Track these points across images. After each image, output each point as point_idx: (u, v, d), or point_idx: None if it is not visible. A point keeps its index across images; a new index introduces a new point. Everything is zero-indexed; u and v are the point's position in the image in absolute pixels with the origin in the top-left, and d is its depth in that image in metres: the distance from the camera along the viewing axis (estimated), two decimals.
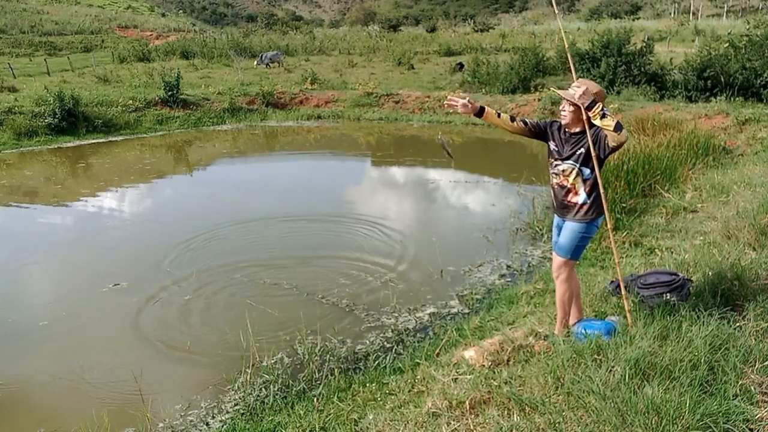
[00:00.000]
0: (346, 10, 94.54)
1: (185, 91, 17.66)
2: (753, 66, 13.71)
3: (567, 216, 3.34)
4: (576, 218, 3.30)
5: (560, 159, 3.29)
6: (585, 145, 3.19)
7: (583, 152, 3.20)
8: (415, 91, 18.71)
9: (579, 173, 3.24)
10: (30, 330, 4.86)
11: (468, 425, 2.70)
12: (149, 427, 3.53)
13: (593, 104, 3.05)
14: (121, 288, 5.67)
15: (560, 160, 3.29)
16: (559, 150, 3.30)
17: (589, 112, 3.07)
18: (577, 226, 3.30)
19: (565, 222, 3.36)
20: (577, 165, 3.24)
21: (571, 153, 3.25)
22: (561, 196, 3.34)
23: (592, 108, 3.06)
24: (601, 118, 3.03)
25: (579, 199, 3.27)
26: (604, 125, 3.04)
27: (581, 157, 3.21)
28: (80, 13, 54.15)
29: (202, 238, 7.02)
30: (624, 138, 3.07)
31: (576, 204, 3.28)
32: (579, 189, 3.26)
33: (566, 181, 3.29)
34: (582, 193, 3.26)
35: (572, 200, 3.29)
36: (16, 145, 13.62)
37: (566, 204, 3.32)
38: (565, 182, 3.29)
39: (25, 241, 7.23)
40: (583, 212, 3.27)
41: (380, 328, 4.73)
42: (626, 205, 6.36)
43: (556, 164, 3.32)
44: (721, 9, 47.85)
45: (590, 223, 3.30)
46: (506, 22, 49.64)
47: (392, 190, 9.50)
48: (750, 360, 2.76)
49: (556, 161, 3.33)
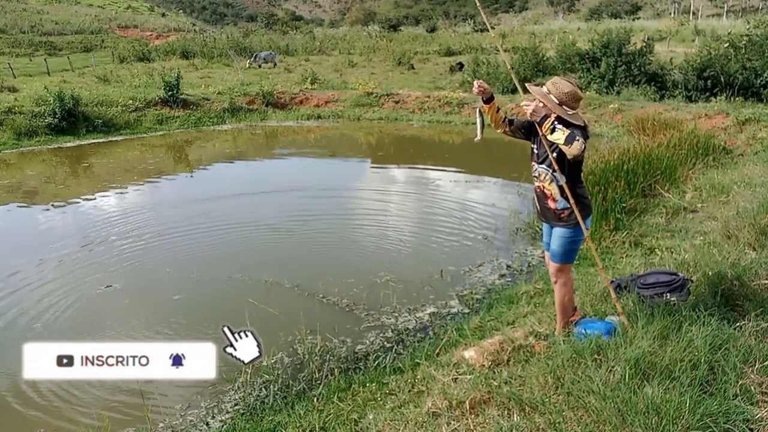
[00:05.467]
0: (346, 10, 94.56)
1: (185, 91, 17.66)
2: (753, 66, 13.71)
3: (551, 221, 3.25)
4: (561, 224, 3.20)
5: (537, 162, 3.19)
6: (555, 149, 3.04)
7: (555, 157, 3.06)
8: (415, 91, 18.72)
9: (553, 179, 3.13)
10: (28, 328, 4.87)
11: (468, 425, 2.70)
12: (149, 427, 3.53)
13: (544, 119, 2.98)
14: (114, 289, 5.67)
15: (537, 163, 3.20)
16: (538, 153, 3.18)
17: (542, 129, 3.00)
18: (564, 231, 3.20)
19: (554, 227, 3.26)
20: (550, 171, 3.12)
21: (545, 156, 3.12)
22: (543, 201, 3.24)
23: (542, 124, 2.99)
24: (551, 133, 2.94)
25: (558, 205, 3.16)
26: (554, 140, 2.94)
27: (553, 163, 3.08)
28: (80, 13, 54.16)
29: (204, 238, 7.02)
30: (576, 151, 2.88)
31: (556, 210, 3.18)
32: (556, 195, 3.14)
33: (543, 185, 3.19)
34: (560, 198, 3.13)
35: (551, 206, 3.19)
36: (16, 145, 13.62)
37: (548, 209, 3.22)
38: (543, 187, 3.20)
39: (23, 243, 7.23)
40: (566, 217, 3.16)
41: (380, 327, 4.73)
42: (626, 205, 6.36)
43: (535, 167, 3.22)
44: (721, 9, 47.86)
45: (576, 226, 3.15)
46: (506, 22, 49.66)
47: (392, 190, 9.49)
48: (750, 360, 2.76)
49: (534, 163, 3.22)
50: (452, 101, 17.01)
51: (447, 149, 13.64)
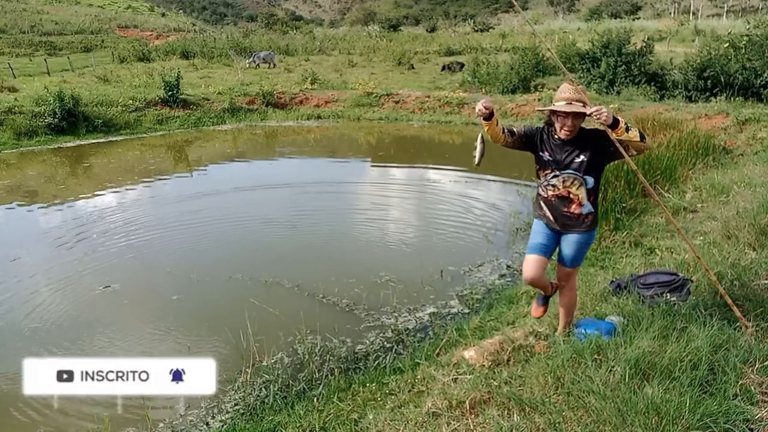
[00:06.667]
0: (346, 10, 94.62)
1: (185, 91, 17.67)
2: (753, 66, 13.71)
3: (572, 228, 3.11)
4: (582, 229, 3.10)
5: (558, 169, 3.04)
6: (585, 151, 2.98)
7: (585, 160, 2.98)
8: (415, 91, 18.72)
9: (582, 183, 3.02)
10: (27, 330, 4.87)
11: (468, 425, 2.70)
12: (149, 427, 3.53)
13: (617, 121, 2.81)
14: (113, 290, 5.67)
15: (558, 170, 3.04)
16: (556, 159, 3.05)
17: (616, 131, 2.83)
18: (584, 237, 3.12)
19: (568, 234, 3.14)
20: (580, 174, 3.01)
21: (570, 161, 3.01)
22: (562, 208, 3.08)
23: (617, 125, 2.81)
24: (627, 132, 2.82)
25: (584, 210, 3.06)
26: (631, 138, 2.84)
27: (583, 165, 2.99)
28: (80, 13, 54.17)
29: (204, 238, 7.02)
30: (649, 145, 2.95)
31: (580, 215, 3.07)
32: (583, 199, 3.04)
33: (567, 191, 3.05)
34: (586, 202, 3.05)
35: (576, 211, 3.06)
36: (16, 145, 13.62)
37: (569, 215, 3.09)
38: (566, 193, 3.05)
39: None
40: (590, 222, 3.09)
41: (380, 327, 4.73)
42: (626, 205, 6.36)
43: (554, 175, 3.06)
44: (721, 9, 47.88)
45: (595, 229, 3.17)
46: (506, 22, 49.69)
47: (392, 190, 9.49)
48: (750, 360, 2.76)
49: (553, 172, 3.06)
50: (452, 101, 17.01)
51: (447, 149, 13.64)
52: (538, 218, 3.25)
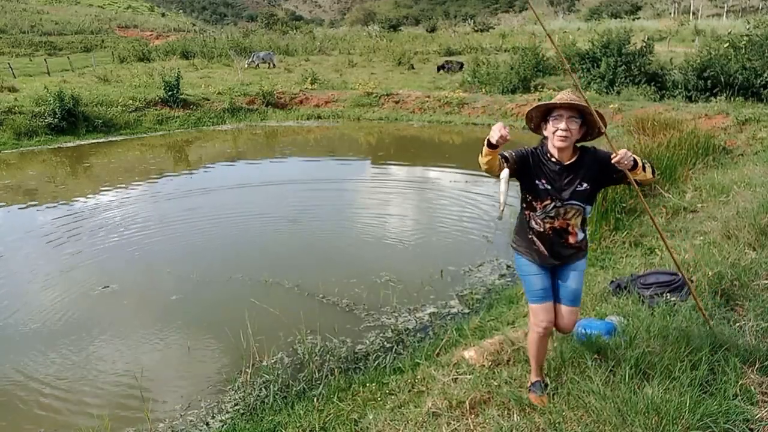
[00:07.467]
0: (346, 10, 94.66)
1: (185, 91, 17.69)
2: (753, 66, 13.71)
3: (569, 259, 2.75)
4: (580, 255, 2.77)
5: (558, 200, 2.63)
6: (587, 178, 2.62)
7: (588, 188, 2.62)
8: (415, 91, 18.72)
9: (582, 212, 2.67)
10: (27, 330, 4.87)
11: (468, 425, 2.70)
12: (149, 427, 3.53)
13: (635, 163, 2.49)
14: (112, 290, 5.67)
15: (558, 200, 2.63)
16: (556, 187, 2.63)
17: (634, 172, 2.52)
18: (581, 263, 2.80)
19: (568, 266, 2.77)
20: (582, 204, 2.65)
21: (572, 190, 2.62)
22: (560, 239, 2.70)
23: (636, 167, 2.50)
24: (644, 171, 2.54)
25: (578, 237, 2.72)
26: (647, 177, 2.57)
27: (586, 194, 2.63)
28: (80, 13, 54.18)
29: (204, 237, 7.02)
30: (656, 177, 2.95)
31: (576, 243, 2.72)
32: (577, 227, 2.70)
33: (566, 223, 2.68)
34: (579, 230, 2.72)
35: (571, 241, 2.71)
36: (16, 145, 13.63)
37: (566, 246, 2.72)
38: (564, 225, 2.68)
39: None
40: (585, 246, 2.79)
41: (380, 327, 4.73)
42: (626, 205, 6.36)
43: (554, 206, 2.64)
44: (721, 9, 47.90)
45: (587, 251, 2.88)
46: (506, 22, 49.71)
47: (392, 190, 9.50)
48: (750, 360, 2.76)
49: (553, 203, 2.64)
50: (452, 101, 17.02)
51: (447, 149, 13.64)
52: (524, 255, 2.81)
